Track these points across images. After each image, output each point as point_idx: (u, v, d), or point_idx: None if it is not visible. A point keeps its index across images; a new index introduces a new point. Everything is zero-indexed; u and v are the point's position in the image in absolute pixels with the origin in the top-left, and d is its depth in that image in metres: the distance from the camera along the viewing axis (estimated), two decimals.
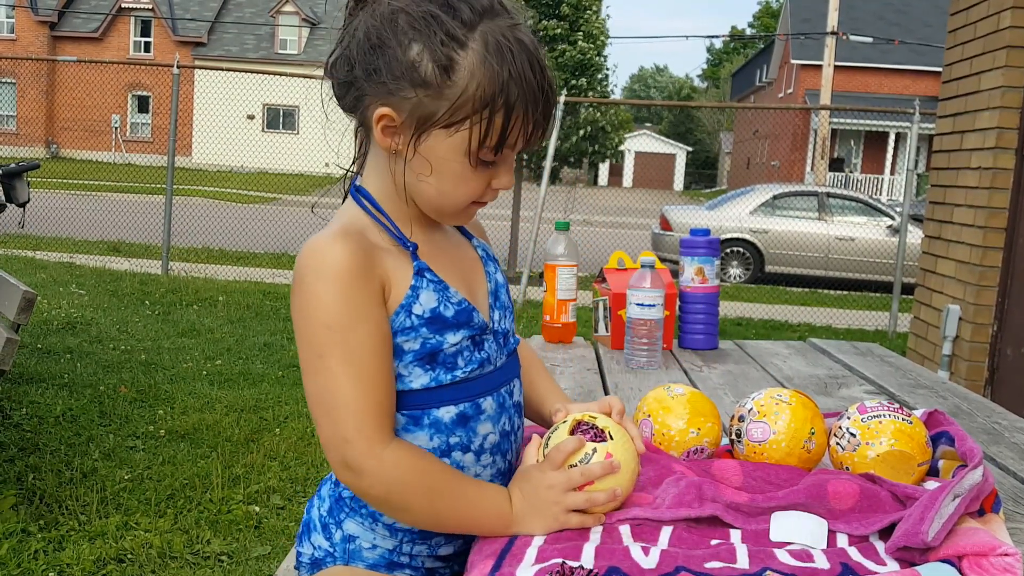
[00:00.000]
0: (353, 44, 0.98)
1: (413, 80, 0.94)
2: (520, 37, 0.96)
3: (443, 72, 0.93)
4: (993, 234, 4.12)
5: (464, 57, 0.93)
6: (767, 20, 53.34)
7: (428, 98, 0.94)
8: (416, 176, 0.99)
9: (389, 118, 0.97)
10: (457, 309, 1.02)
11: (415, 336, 0.99)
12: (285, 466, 3.36)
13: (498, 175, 1.01)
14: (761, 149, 33.39)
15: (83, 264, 8.48)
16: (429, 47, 0.93)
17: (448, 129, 0.95)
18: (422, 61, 0.94)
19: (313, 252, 0.97)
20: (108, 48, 31.46)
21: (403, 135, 0.97)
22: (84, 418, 3.78)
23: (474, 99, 0.94)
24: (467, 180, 0.99)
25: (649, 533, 0.96)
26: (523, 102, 0.95)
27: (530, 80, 0.95)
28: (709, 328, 2.16)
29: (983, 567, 0.85)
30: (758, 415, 1.15)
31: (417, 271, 1.00)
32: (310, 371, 0.97)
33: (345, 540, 1.07)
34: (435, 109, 0.95)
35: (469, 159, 0.97)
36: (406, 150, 0.98)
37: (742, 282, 11.08)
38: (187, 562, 2.57)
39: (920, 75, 28.69)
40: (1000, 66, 4.08)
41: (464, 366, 1.03)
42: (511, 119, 0.95)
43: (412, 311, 0.99)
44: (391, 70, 0.95)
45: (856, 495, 1.01)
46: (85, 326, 5.62)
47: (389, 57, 0.95)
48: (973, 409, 1.72)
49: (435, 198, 1.01)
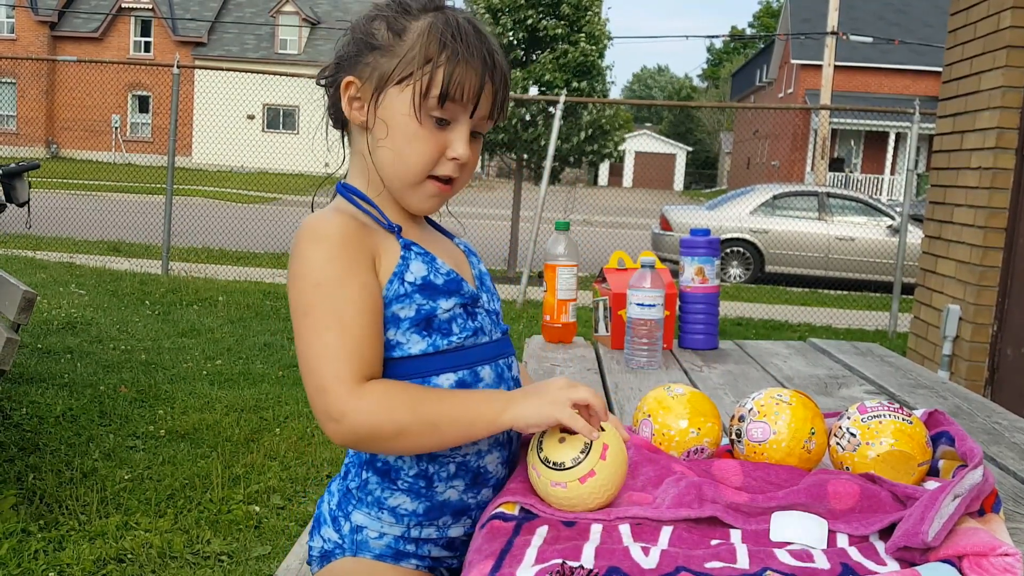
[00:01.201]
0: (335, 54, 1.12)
1: (370, 45, 1.08)
2: (469, 20, 1.08)
3: (395, 35, 1.07)
4: (993, 234, 4.12)
5: (414, 24, 1.07)
6: (767, 20, 53.34)
7: (383, 58, 1.07)
8: (377, 144, 1.08)
9: (355, 85, 1.08)
10: (446, 279, 1.08)
11: (409, 303, 1.05)
12: (285, 466, 3.36)
13: (452, 144, 1.08)
14: (761, 149, 33.39)
15: (83, 264, 8.48)
16: (386, 20, 1.08)
17: (400, 85, 1.06)
18: (379, 30, 1.08)
19: (308, 223, 1.05)
20: (108, 48, 31.45)
21: (366, 102, 1.08)
22: (84, 418, 3.78)
23: (420, 55, 1.05)
24: (419, 140, 1.06)
25: (649, 533, 0.96)
26: (464, 58, 1.05)
27: (472, 42, 1.06)
28: (709, 328, 2.16)
29: (983, 567, 0.85)
30: (758, 415, 1.15)
31: (404, 246, 1.07)
32: (299, 329, 1.01)
33: (353, 531, 1.10)
34: (388, 67, 1.06)
35: (416, 113, 1.05)
36: (369, 118, 1.08)
37: (742, 282, 11.08)
38: (187, 562, 2.57)
39: (920, 75, 28.69)
40: (1000, 66, 4.08)
41: (459, 332, 1.07)
42: (452, 73, 1.04)
43: (404, 279, 1.05)
44: (355, 46, 1.09)
45: (856, 495, 1.01)
46: (85, 326, 5.62)
47: (354, 35, 1.10)
48: (973, 409, 1.72)
49: (393, 163, 1.08)
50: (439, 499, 1.08)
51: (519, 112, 9.67)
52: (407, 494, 1.08)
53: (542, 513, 1.00)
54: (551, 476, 1.00)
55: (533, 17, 9.79)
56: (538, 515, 1.01)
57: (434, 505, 1.08)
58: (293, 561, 1.56)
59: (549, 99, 8.94)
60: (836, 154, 28.66)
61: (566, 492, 0.99)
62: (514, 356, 1.18)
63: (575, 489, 0.99)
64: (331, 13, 33.53)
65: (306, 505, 3.01)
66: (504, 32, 9.85)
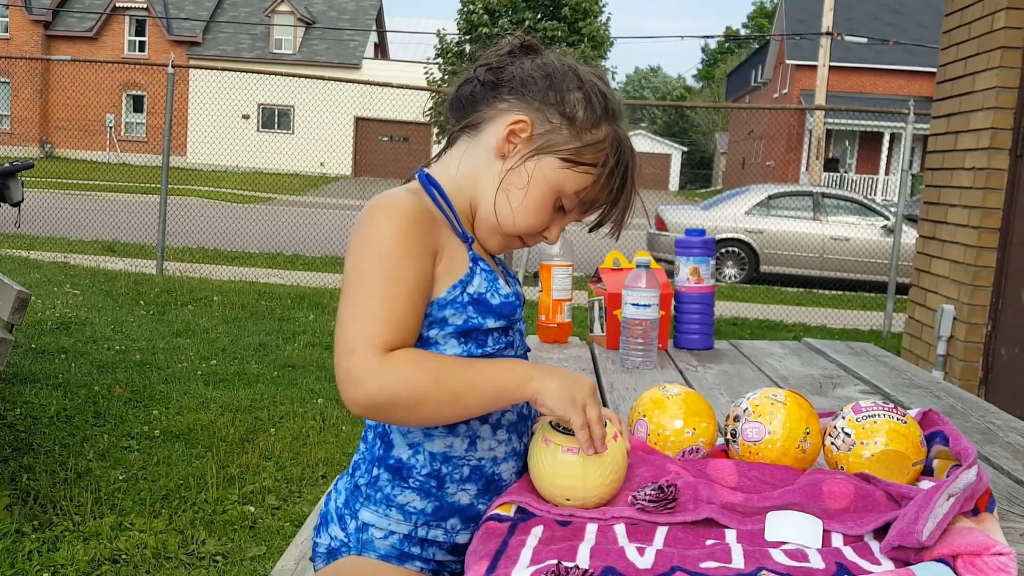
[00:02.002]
0: (515, 66, 1.13)
1: (563, 112, 1.10)
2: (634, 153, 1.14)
3: (590, 123, 1.10)
4: (987, 234, 4.14)
5: (607, 127, 1.11)
6: (761, 21, 53.40)
7: (567, 130, 1.10)
8: (507, 184, 1.11)
9: (525, 126, 1.10)
10: (503, 301, 1.10)
11: (461, 312, 1.07)
12: (280, 466, 3.36)
13: (553, 227, 1.14)
14: (756, 149, 33.44)
15: (77, 264, 8.46)
16: (588, 101, 1.11)
17: (565, 162, 1.09)
18: (578, 105, 1.10)
19: (386, 196, 1.07)
20: (102, 47, 31.37)
21: (523, 146, 1.10)
22: (78, 418, 3.77)
23: (598, 155, 1.10)
24: (543, 212, 1.11)
25: (644, 533, 0.97)
26: (618, 188, 1.12)
27: (630, 180, 1.13)
28: (704, 328, 2.16)
29: (977, 566, 0.85)
30: (753, 415, 1.15)
31: (473, 259, 1.09)
32: (347, 293, 1.03)
33: (359, 530, 1.10)
34: (565, 143, 1.10)
35: (556, 197, 1.10)
36: (515, 159, 1.10)
37: (737, 282, 11.09)
38: (182, 562, 2.56)
39: (915, 75, 28.76)
40: (994, 67, 4.09)
41: (492, 345, 1.10)
42: (606, 191, 1.11)
43: (467, 289, 1.07)
44: (547, 96, 1.10)
45: (851, 495, 1.01)
46: (79, 326, 5.61)
47: (552, 86, 1.11)
48: (967, 409, 1.72)
49: (507, 211, 1.11)
50: (449, 500, 1.08)
51: None
52: (417, 492, 1.08)
53: (538, 511, 1.01)
54: (564, 441, 1.02)
55: (532, 19, 9.80)
56: (534, 514, 1.01)
57: (443, 506, 1.08)
58: (288, 562, 1.55)
59: None
60: (831, 154, 28.72)
61: (577, 462, 1.00)
62: None
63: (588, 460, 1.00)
64: (326, 13, 33.49)
65: (301, 505, 3.01)
66: (502, 33, 9.86)
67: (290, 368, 4.88)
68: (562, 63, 1.13)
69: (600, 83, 1.12)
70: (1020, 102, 4.03)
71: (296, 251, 10.43)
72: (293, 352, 5.28)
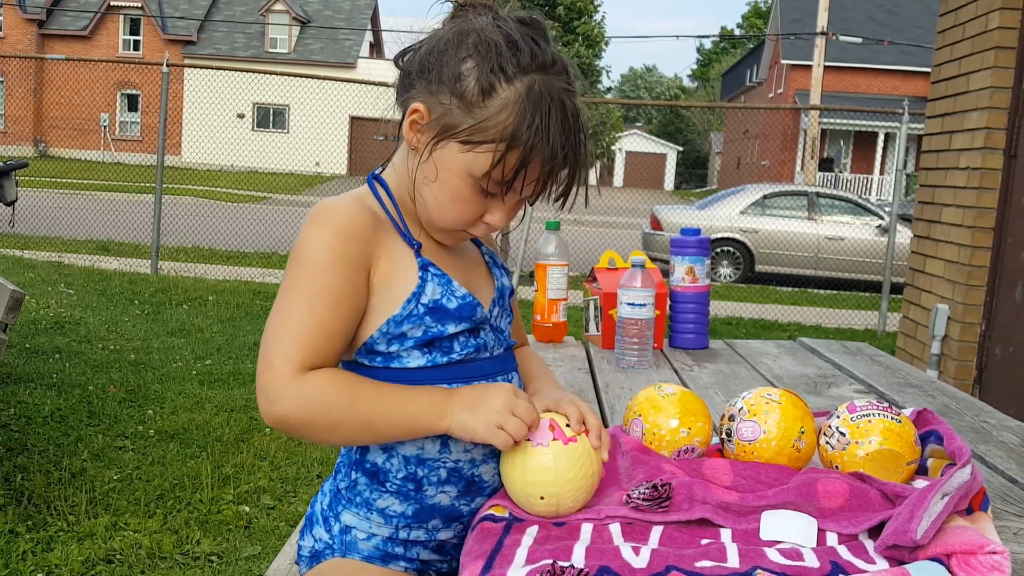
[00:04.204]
0: (427, 43, 1.04)
1: (453, 89, 0.99)
2: (564, 100, 0.99)
3: (481, 93, 0.98)
4: (981, 234, 4.15)
5: (504, 90, 0.98)
6: (755, 21, 53.47)
7: (459, 110, 0.99)
8: (423, 179, 1.04)
9: (420, 114, 1.02)
10: (461, 303, 1.05)
11: (419, 323, 1.03)
12: (275, 466, 3.35)
13: (493, 211, 1.05)
14: (751, 149, 33.47)
15: (72, 263, 8.44)
16: (479, 68, 0.99)
17: (463, 146, 1.00)
18: (468, 77, 0.99)
19: (323, 205, 1.03)
20: (97, 46, 31.28)
21: (426, 135, 1.02)
22: (73, 418, 3.76)
23: (496, 129, 0.98)
24: (463, 201, 1.03)
25: (639, 533, 0.97)
26: (541, 155, 0.98)
27: (555, 139, 0.98)
28: (699, 327, 2.16)
29: (972, 565, 0.85)
30: (748, 414, 1.15)
31: (422, 266, 1.04)
32: (276, 303, 1.01)
33: (343, 531, 1.09)
34: (459, 122, 0.99)
35: (474, 182, 1.01)
36: (423, 151, 1.03)
37: (732, 282, 11.11)
38: (176, 562, 2.56)
39: (909, 75, 28.82)
40: (989, 67, 4.11)
41: (460, 350, 1.06)
42: (525, 165, 0.99)
43: (420, 300, 1.03)
44: (440, 74, 1.00)
45: (846, 494, 1.01)
46: (74, 326, 5.59)
47: (444, 62, 1.01)
48: (961, 408, 1.73)
49: (430, 206, 1.05)
50: (429, 502, 1.07)
51: None
52: (396, 496, 1.07)
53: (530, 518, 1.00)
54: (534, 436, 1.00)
55: None
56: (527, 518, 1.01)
57: (424, 508, 1.07)
58: (283, 561, 1.55)
59: None
60: (826, 154, 28.77)
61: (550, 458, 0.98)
62: (516, 372, 1.15)
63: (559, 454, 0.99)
64: (321, 12, 33.45)
65: (296, 505, 3.00)
66: None
67: None
68: (466, 26, 1.00)
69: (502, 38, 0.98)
70: (1014, 102, 4.04)
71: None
72: None
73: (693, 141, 53.44)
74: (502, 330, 1.14)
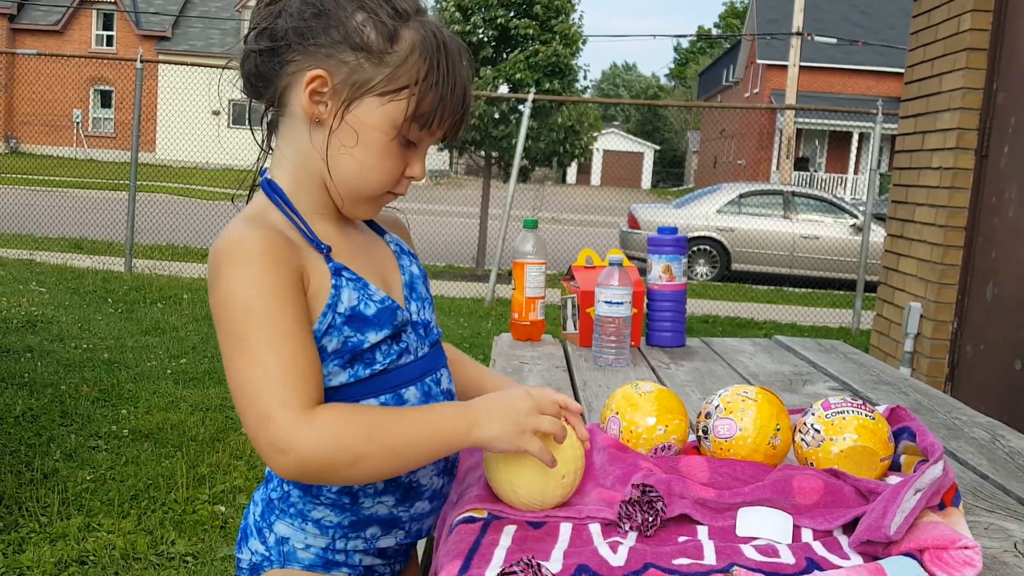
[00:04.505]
0: (283, 16, 0.98)
1: (353, 44, 0.96)
2: (451, 36, 1.01)
3: (387, 40, 0.96)
4: (953, 233, 4.20)
5: (407, 32, 0.97)
6: (732, 20, 53.78)
7: (368, 63, 0.96)
8: (339, 148, 0.99)
9: (322, 80, 0.97)
10: (379, 308, 1.00)
11: (338, 335, 0.97)
12: (251, 465, 3.33)
13: (413, 163, 1.03)
14: (728, 148, 33.68)
15: (44, 261, 8.33)
16: (374, 17, 0.96)
17: (383, 97, 0.97)
18: (366, 28, 0.96)
19: (226, 242, 0.95)
20: (69, 41, 30.87)
21: (331, 102, 0.97)
22: (45, 418, 3.71)
23: (414, 70, 0.97)
24: (389, 157, 1.00)
25: (617, 530, 0.97)
26: (451, 89, 0.99)
27: (462, 73, 0.99)
28: (676, 326, 2.17)
29: (944, 560, 0.86)
30: (724, 412, 1.16)
31: (334, 271, 0.99)
32: (232, 359, 0.92)
33: (279, 543, 1.06)
34: (373, 75, 0.96)
35: (398, 132, 0.98)
36: (332, 119, 0.98)
37: (709, 280, 11.17)
38: (151, 563, 2.53)
39: (883, 76, 29.12)
40: (961, 68, 4.15)
41: (382, 359, 1.01)
42: (440, 101, 0.98)
43: (337, 310, 0.97)
44: (329, 34, 0.96)
45: (820, 490, 1.02)
46: (46, 324, 5.52)
47: (329, 22, 0.96)
48: (934, 405, 1.75)
49: (355, 174, 1.00)
50: (366, 513, 1.05)
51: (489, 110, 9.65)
52: (330, 508, 1.04)
53: (510, 516, 1.00)
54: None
55: (504, 16, 9.78)
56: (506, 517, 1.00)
57: (360, 519, 1.05)
58: None
59: (518, 97, 8.95)
60: (801, 153, 29.00)
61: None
62: (445, 368, 1.11)
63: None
64: None
65: None
66: (474, 30, 9.83)
67: None
68: None
69: None
70: (986, 103, 4.10)
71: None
72: None
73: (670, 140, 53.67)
74: (426, 322, 1.09)
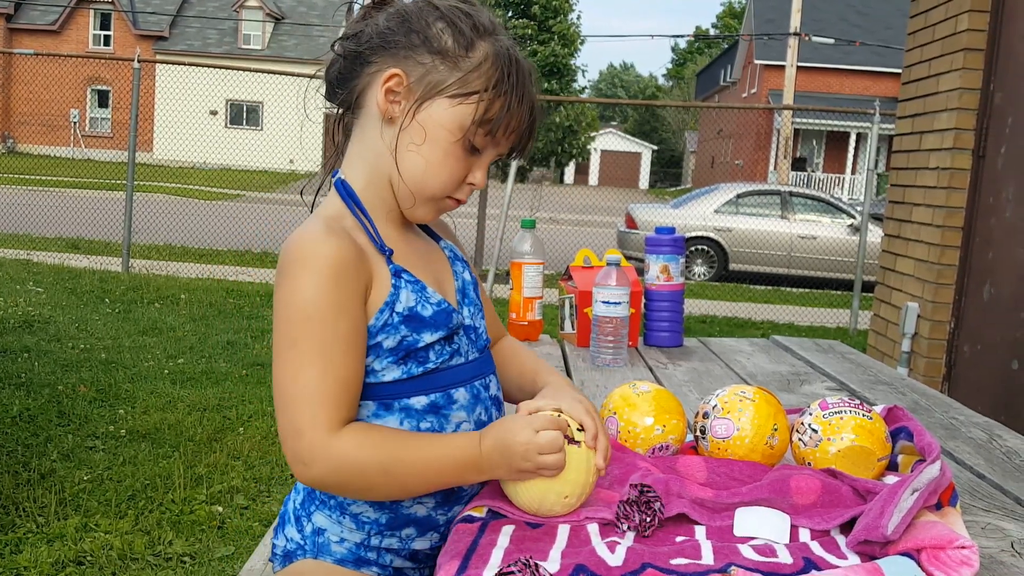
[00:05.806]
0: (369, 24, 1.05)
1: (431, 48, 1.02)
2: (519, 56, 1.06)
3: (463, 48, 1.02)
4: (951, 233, 4.20)
5: (483, 44, 1.03)
6: (730, 21, 53.81)
7: (443, 65, 1.02)
8: (407, 145, 1.03)
9: (398, 79, 1.03)
10: (436, 310, 1.04)
11: (395, 333, 1.02)
12: (249, 465, 3.33)
13: (475, 170, 1.06)
14: (725, 148, 33.70)
15: (41, 261, 8.32)
16: (453, 27, 1.03)
17: (453, 99, 1.02)
18: (444, 35, 1.03)
19: (302, 243, 0.99)
20: (67, 41, 30.84)
21: (405, 101, 1.03)
22: (42, 418, 3.71)
23: (485, 77, 1.02)
24: (454, 159, 1.04)
25: (615, 530, 0.97)
26: (518, 101, 1.04)
27: (530, 90, 1.05)
28: (674, 326, 2.17)
29: (941, 559, 0.86)
30: (722, 412, 1.16)
31: (394, 273, 1.03)
32: (281, 359, 0.97)
33: (315, 533, 1.08)
34: (446, 77, 1.02)
35: (464, 134, 1.02)
36: (403, 117, 1.03)
37: (706, 280, 11.18)
38: (148, 563, 2.53)
39: (880, 76, 29.15)
40: (958, 68, 4.16)
41: (435, 359, 1.05)
42: (507, 110, 1.03)
43: (395, 309, 1.02)
44: (410, 38, 1.03)
45: (818, 490, 1.02)
46: (43, 324, 5.51)
47: (411, 27, 1.03)
48: (931, 405, 1.75)
49: (420, 171, 1.04)
50: (404, 512, 1.06)
51: None
52: (370, 504, 1.06)
53: (510, 514, 1.00)
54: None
55: (502, 16, 9.80)
56: (505, 516, 1.00)
57: (398, 517, 1.06)
58: (257, 562, 1.54)
59: None
60: (798, 154, 29.03)
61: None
62: (493, 375, 1.14)
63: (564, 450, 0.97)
64: (295, 8, 33.20)
65: (270, 505, 2.98)
66: None
67: (259, 366, 4.84)
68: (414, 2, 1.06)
69: (460, 3, 1.06)
70: (983, 103, 4.10)
71: (265, 248, 10.33)
72: (262, 350, 5.23)
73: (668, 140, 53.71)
74: (475, 328, 1.12)
